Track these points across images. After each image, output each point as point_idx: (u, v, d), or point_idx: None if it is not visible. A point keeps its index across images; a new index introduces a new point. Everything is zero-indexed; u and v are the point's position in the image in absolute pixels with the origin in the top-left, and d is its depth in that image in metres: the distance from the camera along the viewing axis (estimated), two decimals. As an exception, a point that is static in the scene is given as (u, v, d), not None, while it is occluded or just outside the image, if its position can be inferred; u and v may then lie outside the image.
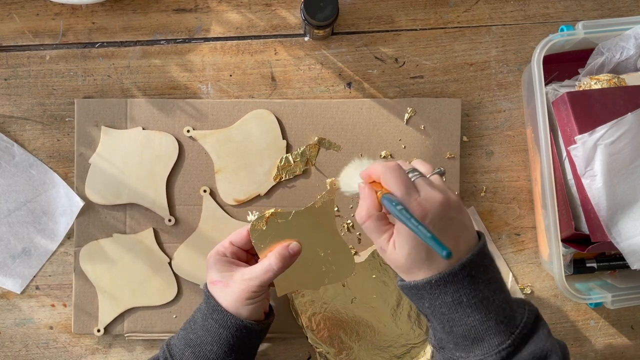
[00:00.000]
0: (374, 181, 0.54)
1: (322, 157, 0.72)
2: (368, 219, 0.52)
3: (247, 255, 0.64)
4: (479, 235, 0.54)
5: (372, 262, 0.70)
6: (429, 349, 0.69)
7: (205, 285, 0.62)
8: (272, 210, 0.62)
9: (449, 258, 0.44)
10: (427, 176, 0.54)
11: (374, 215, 0.52)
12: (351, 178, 0.59)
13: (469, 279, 0.50)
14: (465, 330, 0.51)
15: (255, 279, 0.59)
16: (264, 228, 0.61)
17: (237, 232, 0.63)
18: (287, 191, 0.72)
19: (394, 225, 0.52)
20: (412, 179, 0.52)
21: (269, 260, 0.59)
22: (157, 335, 0.72)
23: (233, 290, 0.59)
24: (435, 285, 0.50)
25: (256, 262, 0.63)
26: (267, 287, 0.60)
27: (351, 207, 0.72)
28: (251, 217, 0.62)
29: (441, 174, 0.55)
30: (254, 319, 0.60)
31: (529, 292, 0.73)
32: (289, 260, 0.60)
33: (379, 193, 0.52)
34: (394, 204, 0.49)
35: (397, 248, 0.51)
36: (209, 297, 0.60)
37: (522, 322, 0.52)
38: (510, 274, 0.73)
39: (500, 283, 0.53)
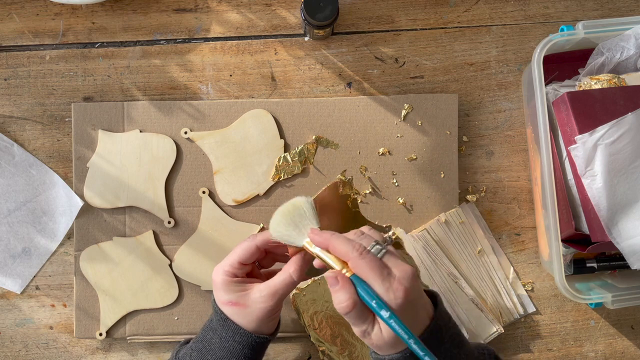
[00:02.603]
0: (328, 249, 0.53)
1: (320, 156, 0.72)
2: (354, 308, 0.50)
3: (253, 265, 0.61)
4: (430, 293, 0.56)
5: None
6: None
7: (215, 303, 0.59)
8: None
9: None
10: (385, 245, 0.52)
11: (357, 303, 0.50)
12: (289, 230, 0.55)
13: (437, 341, 0.52)
14: None
15: (276, 293, 0.56)
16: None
17: (245, 251, 0.58)
18: (285, 190, 0.72)
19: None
20: (379, 256, 0.51)
21: (288, 272, 0.57)
22: (159, 337, 0.72)
23: (253, 310, 0.56)
24: (410, 357, 0.51)
25: (259, 268, 0.62)
26: (284, 298, 0.58)
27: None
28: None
29: (390, 241, 0.54)
30: (272, 330, 0.60)
31: (529, 288, 0.73)
32: (305, 269, 0.58)
33: (345, 271, 0.51)
34: (374, 303, 0.49)
35: (383, 330, 0.50)
36: (225, 319, 0.57)
37: None
38: (512, 268, 0.73)
39: (461, 336, 0.55)
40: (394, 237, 0.55)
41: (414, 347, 0.49)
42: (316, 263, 0.55)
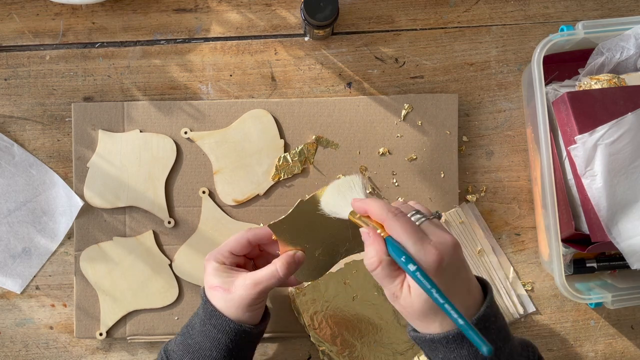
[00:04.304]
0: (368, 216, 0.53)
1: (320, 156, 0.72)
2: (379, 266, 0.50)
3: (245, 259, 0.64)
4: (480, 280, 0.54)
5: None
6: None
7: (203, 290, 0.61)
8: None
9: (486, 351, 0.44)
10: (431, 218, 0.52)
11: (385, 261, 0.50)
12: (337, 201, 0.57)
13: (484, 330, 0.50)
14: None
15: (259, 284, 0.58)
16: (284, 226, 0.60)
17: (237, 242, 0.61)
18: (285, 190, 0.72)
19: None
20: (418, 223, 0.51)
21: (274, 266, 0.58)
22: (159, 337, 0.72)
23: (234, 296, 0.58)
24: (453, 340, 0.50)
25: (254, 267, 0.63)
26: (268, 292, 0.60)
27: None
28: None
29: (439, 217, 0.53)
30: (253, 323, 0.60)
31: (529, 288, 0.73)
32: (293, 268, 0.59)
33: (380, 232, 0.51)
34: (403, 259, 0.48)
35: (412, 293, 0.49)
36: (206, 302, 0.59)
37: None
38: (512, 268, 0.73)
39: (507, 330, 0.53)
40: (440, 213, 0.54)
41: (447, 308, 0.46)
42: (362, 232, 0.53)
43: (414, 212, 0.52)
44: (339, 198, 0.56)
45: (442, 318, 0.50)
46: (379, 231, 0.51)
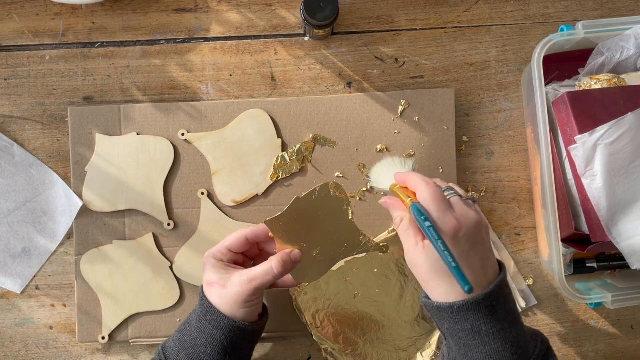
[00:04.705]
0: (406, 188, 0.57)
1: (318, 154, 0.72)
2: (402, 222, 0.55)
3: (244, 258, 0.64)
4: (499, 263, 0.56)
5: (374, 257, 0.70)
6: (434, 340, 0.70)
7: (202, 287, 0.62)
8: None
9: (470, 292, 0.48)
10: (464, 198, 0.55)
11: (407, 219, 0.55)
12: (383, 175, 0.63)
13: (490, 308, 0.52)
14: (481, 358, 0.52)
15: (254, 280, 0.58)
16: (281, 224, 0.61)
17: (235, 239, 0.62)
18: (284, 190, 0.72)
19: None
20: (448, 197, 0.54)
21: (270, 263, 0.59)
22: (162, 339, 0.72)
23: (230, 292, 0.59)
24: (457, 311, 0.52)
25: (253, 265, 0.63)
26: (264, 289, 0.60)
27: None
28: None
29: (474, 200, 0.56)
30: (249, 321, 0.60)
31: (530, 282, 0.73)
32: (289, 266, 0.60)
33: (408, 200, 0.54)
34: (423, 217, 0.51)
35: (425, 250, 0.53)
36: (203, 298, 0.60)
37: (534, 354, 0.54)
38: (512, 262, 0.73)
39: (517, 314, 0.54)
40: (476, 196, 0.58)
41: (453, 269, 0.49)
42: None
43: (447, 187, 0.56)
44: (388, 171, 0.62)
45: (448, 285, 0.52)
46: (409, 199, 0.54)
